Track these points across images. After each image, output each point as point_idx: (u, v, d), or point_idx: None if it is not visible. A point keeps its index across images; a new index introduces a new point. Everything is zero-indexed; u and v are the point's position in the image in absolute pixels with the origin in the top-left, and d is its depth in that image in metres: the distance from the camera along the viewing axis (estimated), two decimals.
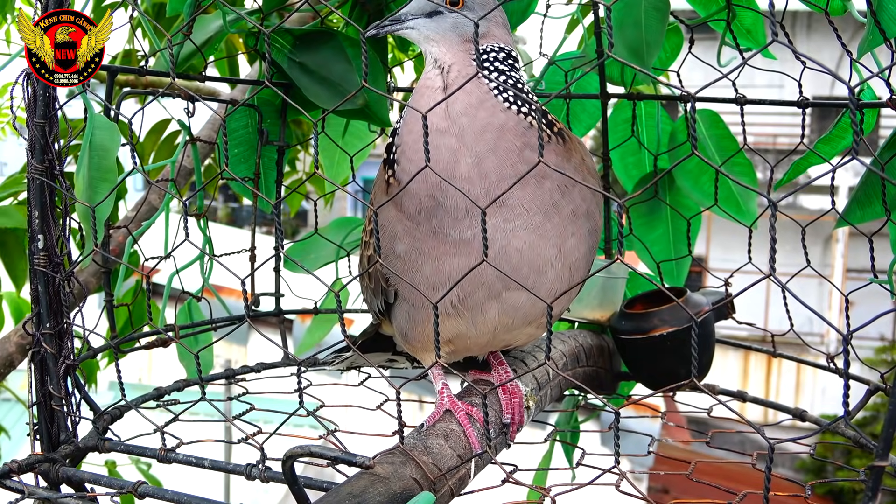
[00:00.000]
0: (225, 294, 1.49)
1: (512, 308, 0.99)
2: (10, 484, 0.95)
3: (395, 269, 0.97)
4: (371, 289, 1.10)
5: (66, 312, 1.05)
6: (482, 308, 0.98)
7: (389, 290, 1.05)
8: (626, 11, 1.31)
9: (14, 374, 1.91)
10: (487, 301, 0.97)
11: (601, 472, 0.90)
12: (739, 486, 0.95)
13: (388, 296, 1.06)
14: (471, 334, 1.02)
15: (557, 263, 0.97)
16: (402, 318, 1.06)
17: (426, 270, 0.96)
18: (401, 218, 0.97)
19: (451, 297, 0.96)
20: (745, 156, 1.50)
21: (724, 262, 10.98)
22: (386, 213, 0.99)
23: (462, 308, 0.98)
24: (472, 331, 1.01)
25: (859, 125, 0.78)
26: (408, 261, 0.97)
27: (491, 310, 0.98)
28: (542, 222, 0.94)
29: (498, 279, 0.95)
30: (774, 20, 0.74)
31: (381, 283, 1.05)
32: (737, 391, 1.43)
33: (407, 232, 0.96)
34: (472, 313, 0.99)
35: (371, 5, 1.38)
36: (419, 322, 1.03)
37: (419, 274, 0.97)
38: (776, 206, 0.71)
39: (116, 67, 1.27)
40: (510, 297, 0.97)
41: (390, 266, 0.98)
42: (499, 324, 1.00)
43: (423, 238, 0.95)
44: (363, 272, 1.12)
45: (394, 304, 1.06)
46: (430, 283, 0.96)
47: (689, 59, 1.49)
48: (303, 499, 0.85)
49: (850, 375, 0.90)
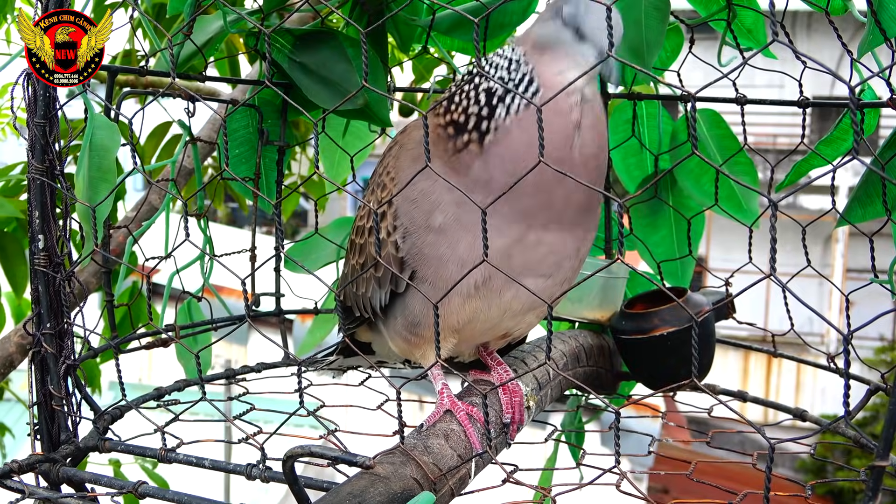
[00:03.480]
0: (225, 294, 1.49)
1: (524, 293, 0.99)
2: (11, 484, 0.95)
3: (426, 243, 0.96)
4: (377, 278, 1.06)
5: (66, 312, 1.05)
6: (501, 291, 1.00)
7: (402, 277, 1.00)
8: (627, 11, 1.30)
9: (14, 374, 1.91)
10: (506, 283, 0.99)
11: (601, 471, 0.90)
12: (740, 486, 0.95)
13: (398, 284, 1.03)
14: (481, 318, 1.02)
15: (574, 259, 1.01)
16: (416, 304, 1.03)
17: (461, 247, 0.96)
18: (453, 187, 0.93)
19: (476, 278, 0.97)
20: (746, 155, 1.50)
21: (725, 262, 10.99)
22: (433, 181, 0.96)
23: (485, 290, 0.99)
24: (485, 314, 1.02)
25: (860, 125, 0.78)
26: (444, 234, 0.96)
27: (507, 293, 1.00)
28: (574, 218, 0.98)
29: (522, 266, 0.97)
30: (775, 20, 0.74)
31: (392, 267, 1.01)
32: (737, 391, 1.43)
33: (455, 201, 0.95)
34: (491, 295, 1.00)
35: (371, 5, 1.38)
36: (442, 304, 1.00)
37: (452, 250, 0.96)
38: (776, 206, 0.71)
39: (117, 67, 1.27)
40: (526, 283, 0.98)
41: (418, 241, 0.97)
42: (509, 308, 1.02)
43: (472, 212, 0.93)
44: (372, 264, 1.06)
45: (403, 293, 1.04)
46: (461, 260, 0.95)
47: (690, 58, 1.48)
48: (303, 499, 0.85)
49: (850, 375, 0.90)
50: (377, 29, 1.38)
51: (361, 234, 1.12)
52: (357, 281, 1.11)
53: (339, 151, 1.63)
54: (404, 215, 0.98)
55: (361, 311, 1.13)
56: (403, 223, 0.99)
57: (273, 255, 1.16)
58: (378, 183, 1.06)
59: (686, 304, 1.34)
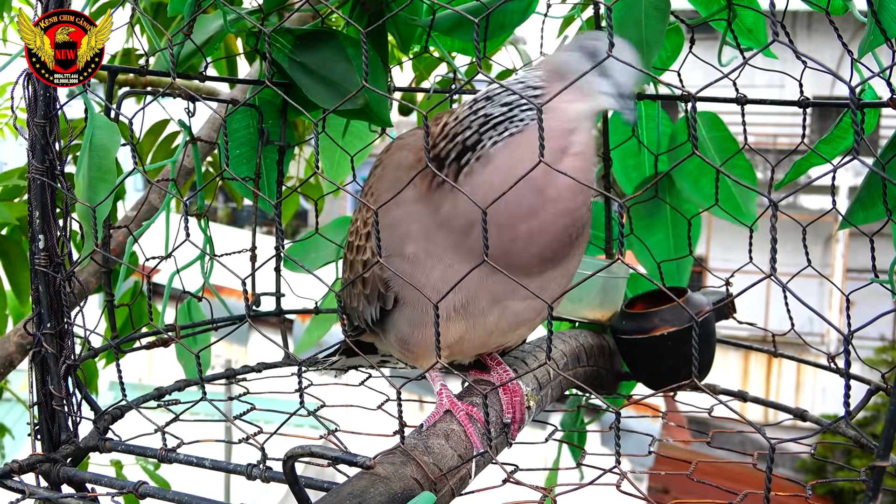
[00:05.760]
0: (225, 294, 1.49)
1: (512, 313, 1.00)
2: (11, 484, 0.95)
3: (400, 271, 0.95)
4: (366, 295, 1.06)
5: (66, 312, 1.05)
6: (484, 312, 0.98)
7: (388, 296, 1.02)
8: (627, 11, 1.31)
9: (14, 374, 1.91)
10: (490, 305, 0.98)
11: (602, 471, 0.90)
12: (740, 486, 0.95)
13: (385, 302, 1.03)
14: (468, 338, 1.02)
15: (565, 277, 1.00)
16: (403, 324, 1.03)
17: (434, 275, 0.95)
18: (423, 218, 0.94)
19: (454, 302, 0.96)
20: (745, 157, 1.50)
21: (725, 262, 10.99)
22: (404, 211, 0.96)
23: (466, 312, 0.98)
24: (472, 333, 1.01)
25: (860, 125, 0.78)
26: (416, 263, 0.96)
27: (491, 315, 0.99)
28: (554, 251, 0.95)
29: (503, 294, 0.96)
30: (775, 20, 0.74)
31: (378, 288, 1.03)
32: (737, 391, 1.43)
33: (424, 233, 0.95)
34: (475, 317, 0.99)
35: (371, 5, 1.38)
36: (423, 326, 1.01)
37: (426, 278, 0.95)
38: (777, 206, 0.71)
39: (117, 67, 1.27)
40: (511, 304, 0.99)
41: (393, 268, 0.95)
42: (497, 327, 1.01)
43: (443, 244, 0.93)
44: (356, 277, 1.08)
45: (392, 310, 1.04)
46: (436, 288, 0.94)
47: (690, 58, 1.48)
48: (303, 499, 0.85)
49: (850, 375, 0.90)
50: (377, 29, 1.38)
51: (352, 250, 1.12)
52: (350, 295, 1.12)
53: (339, 151, 1.63)
54: (384, 239, 0.97)
55: (358, 322, 1.14)
56: (383, 247, 0.98)
57: (273, 254, 1.16)
58: (364, 203, 1.06)
59: (686, 304, 1.34)
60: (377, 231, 0.89)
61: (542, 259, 0.95)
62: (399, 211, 0.96)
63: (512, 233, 0.91)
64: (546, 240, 0.93)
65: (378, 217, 0.87)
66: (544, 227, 0.92)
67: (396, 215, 0.97)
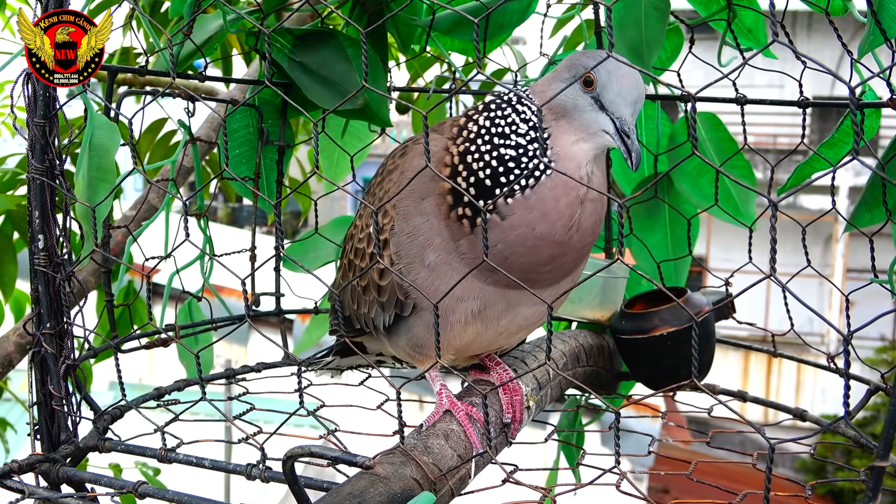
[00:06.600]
0: (225, 294, 1.49)
1: (522, 317, 1.02)
2: (11, 484, 0.95)
3: (422, 276, 0.97)
4: (381, 302, 1.05)
5: (66, 312, 1.05)
6: (498, 317, 1.01)
7: (408, 304, 1.02)
8: (627, 11, 1.31)
9: (14, 374, 1.91)
10: (504, 311, 1.00)
11: (602, 471, 0.90)
12: (740, 486, 0.95)
13: (404, 309, 1.03)
14: (478, 340, 1.03)
15: (574, 276, 1.02)
16: (419, 329, 1.03)
17: (453, 284, 0.96)
18: (444, 233, 0.95)
19: (472, 308, 0.98)
20: (744, 158, 1.50)
21: (725, 262, 10.98)
22: (427, 221, 0.96)
23: (482, 316, 1.00)
24: (483, 335, 1.03)
25: (860, 125, 0.78)
26: (436, 271, 0.97)
27: (504, 319, 1.01)
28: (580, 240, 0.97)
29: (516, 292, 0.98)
30: (775, 20, 0.74)
31: (396, 295, 1.02)
32: (737, 391, 1.43)
33: (444, 246, 0.95)
34: (489, 320, 1.01)
35: (371, 5, 1.38)
36: (442, 331, 1.00)
37: (447, 285, 0.95)
38: (776, 207, 0.71)
39: (116, 67, 1.27)
40: (522, 309, 1.01)
41: (413, 274, 0.96)
42: (506, 329, 1.03)
43: (462, 267, 0.95)
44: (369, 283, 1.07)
45: (408, 316, 1.04)
46: (456, 294, 0.95)
47: (690, 58, 1.48)
48: (303, 499, 0.85)
49: (850, 375, 0.90)
50: (377, 29, 1.38)
51: (362, 257, 1.10)
52: (358, 300, 1.11)
53: (339, 151, 1.63)
54: (404, 247, 0.98)
55: (362, 326, 1.13)
56: (402, 255, 0.99)
57: (273, 254, 1.16)
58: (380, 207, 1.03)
59: (686, 304, 1.34)
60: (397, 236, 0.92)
61: (558, 276, 0.99)
62: (420, 218, 0.97)
63: (533, 270, 0.95)
64: (566, 267, 0.98)
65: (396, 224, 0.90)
66: (565, 265, 0.97)
67: (418, 223, 0.97)
